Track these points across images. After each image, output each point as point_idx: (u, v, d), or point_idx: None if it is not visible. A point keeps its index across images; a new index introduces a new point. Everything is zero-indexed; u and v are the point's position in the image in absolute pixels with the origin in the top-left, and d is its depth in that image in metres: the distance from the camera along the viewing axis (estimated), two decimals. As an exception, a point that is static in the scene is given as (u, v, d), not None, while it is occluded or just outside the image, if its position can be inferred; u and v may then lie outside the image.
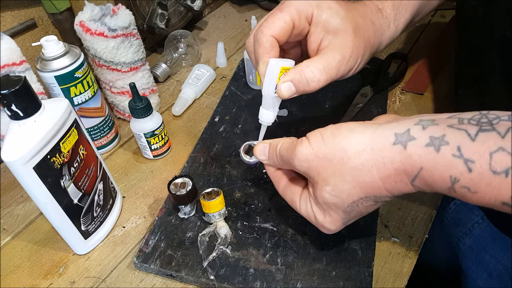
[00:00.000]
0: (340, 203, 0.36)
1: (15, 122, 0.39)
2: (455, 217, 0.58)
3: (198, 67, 0.74)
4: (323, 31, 0.41)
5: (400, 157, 0.31)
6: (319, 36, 0.41)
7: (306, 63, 0.40)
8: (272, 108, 0.43)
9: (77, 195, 0.45)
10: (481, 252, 0.54)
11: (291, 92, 0.41)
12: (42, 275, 0.48)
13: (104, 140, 0.62)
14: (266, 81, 0.42)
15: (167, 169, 0.60)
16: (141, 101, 0.55)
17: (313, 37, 0.42)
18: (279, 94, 0.41)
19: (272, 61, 0.40)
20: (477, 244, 0.54)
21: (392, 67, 0.73)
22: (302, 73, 0.40)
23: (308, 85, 0.40)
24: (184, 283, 0.46)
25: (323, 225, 0.39)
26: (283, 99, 0.42)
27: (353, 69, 0.43)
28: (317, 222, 0.39)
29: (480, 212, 0.54)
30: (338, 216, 0.37)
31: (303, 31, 0.42)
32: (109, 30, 0.56)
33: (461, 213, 0.57)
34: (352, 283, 0.43)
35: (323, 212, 0.38)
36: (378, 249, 0.47)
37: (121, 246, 0.51)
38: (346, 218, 0.37)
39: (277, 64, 0.40)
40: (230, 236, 0.48)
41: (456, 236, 0.57)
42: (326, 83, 0.41)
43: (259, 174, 0.55)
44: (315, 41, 0.42)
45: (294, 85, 0.40)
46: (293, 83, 0.40)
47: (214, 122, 0.65)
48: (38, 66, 0.53)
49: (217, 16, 0.96)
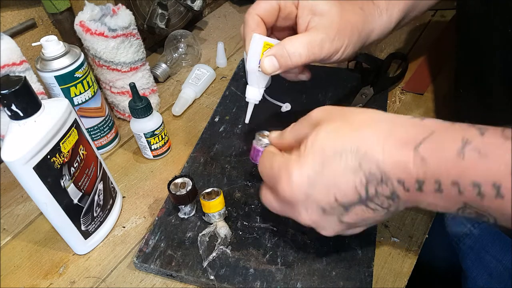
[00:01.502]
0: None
1: (15, 122, 0.39)
2: (455, 218, 0.58)
3: (198, 67, 0.74)
4: (310, 14, 0.43)
5: (411, 121, 0.32)
6: (306, 18, 0.43)
7: (289, 38, 0.42)
8: (257, 84, 0.44)
9: (77, 195, 0.45)
10: (482, 252, 0.54)
11: (273, 66, 0.42)
12: (42, 275, 0.48)
13: (104, 140, 0.62)
14: (250, 56, 0.43)
15: (167, 169, 0.60)
16: (141, 101, 0.55)
17: (301, 20, 0.43)
18: (262, 68, 0.42)
19: (255, 36, 0.42)
20: (477, 244, 0.54)
21: (392, 67, 0.73)
22: (284, 47, 0.41)
23: (290, 59, 0.41)
24: (184, 283, 0.46)
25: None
26: (266, 74, 0.43)
27: (340, 51, 0.44)
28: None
29: None
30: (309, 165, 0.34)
31: (290, 14, 0.44)
32: (109, 30, 0.56)
33: None
34: (352, 283, 0.43)
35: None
36: (378, 249, 0.47)
37: (121, 246, 0.51)
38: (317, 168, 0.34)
39: (260, 39, 0.42)
40: (230, 236, 0.48)
41: (456, 236, 0.57)
42: (308, 60, 0.42)
43: (259, 174, 0.55)
44: (303, 23, 0.43)
45: (276, 59, 0.41)
46: (275, 57, 0.41)
47: (214, 122, 0.65)
48: (38, 66, 0.53)
49: (217, 16, 0.96)
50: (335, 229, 0.37)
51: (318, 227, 0.37)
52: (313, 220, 0.36)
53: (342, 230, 0.37)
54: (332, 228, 0.36)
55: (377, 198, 0.33)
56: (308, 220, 0.36)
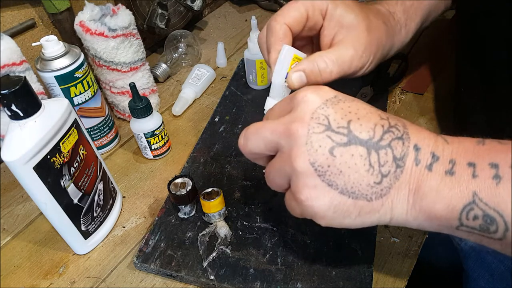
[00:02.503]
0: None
1: (15, 122, 0.39)
2: None
3: (198, 67, 0.74)
4: (337, 26, 0.41)
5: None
6: (332, 30, 0.41)
7: (320, 53, 0.40)
8: (280, 97, 0.41)
9: (77, 195, 0.45)
10: (483, 253, 0.53)
11: (301, 82, 0.39)
12: (42, 275, 0.48)
13: (104, 140, 0.62)
14: (277, 69, 0.40)
15: (167, 169, 0.60)
16: (141, 101, 0.55)
17: (326, 31, 0.41)
18: (289, 83, 0.39)
19: (285, 47, 0.39)
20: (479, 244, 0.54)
21: (392, 67, 0.73)
22: (315, 62, 0.39)
23: (320, 76, 0.39)
24: (184, 283, 0.46)
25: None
26: (292, 89, 0.40)
27: (365, 67, 0.42)
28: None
29: None
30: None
31: (316, 25, 0.42)
32: (109, 30, 0.56)
33: None
34: (352, 283, 0.43)
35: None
36: (378, 249, 0.47)
37: (121, 246, 0.51)
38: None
39: (290, 51, 0.39)
40: (230, 236, 0.48)
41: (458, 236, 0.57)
42: (338, 76, 0.40)
43: (259, 174, 0.55)
44: (329, 35, 0.41)
45: (306, 75, 0.39)
46: (305, 73, 0.39)
47: (214, 122, 0.65)
48: (38, 66, 0.53)
49: (217, 16, 0.96)
50: (316, 156, 0.30)
51: (303, 139, 0.31)
52: (308, 128, 0.31)
53: (319, 167, 0.30)
54: (315, 151, 0.30)
55: (385, 153, 0.29)
56: (301, 125, 0.31)
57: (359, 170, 0.30)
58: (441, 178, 0.29)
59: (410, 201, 0.30)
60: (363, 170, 0.30)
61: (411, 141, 0.30)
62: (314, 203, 0.31)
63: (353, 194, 0.30)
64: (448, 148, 0.29)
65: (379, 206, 0.31)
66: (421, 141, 0.30)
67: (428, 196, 0.29)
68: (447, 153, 0.29)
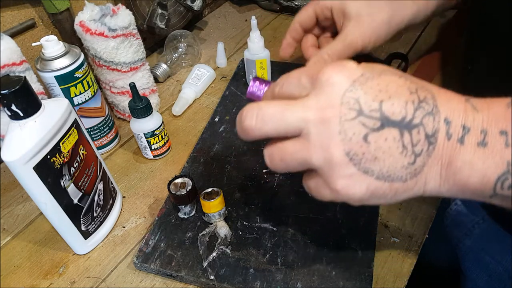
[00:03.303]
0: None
1: (15, 122, 0.39)
2: (455, 218, 0.58)
3: (198, 67, 0.74)
4: (342, 17, 0.54)
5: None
6: (340, 21, 0.54)
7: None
8: None
9: (77, 195, 0.45)
10: (481, 253, 0.53)
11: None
12: (42, 275, 0.48)
13: (104, 140, 0.62)
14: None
15: (167, 169, 0.60)
16: (141, 101, 0.55)
17: (336, 22, 0.55)
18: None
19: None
20: (477, 245, 0.54)
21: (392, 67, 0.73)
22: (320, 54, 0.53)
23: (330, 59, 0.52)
24: (184, 283, 0.46)
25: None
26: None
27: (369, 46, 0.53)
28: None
29: (481, 212, 0.54)
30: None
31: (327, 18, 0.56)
32: (109, 30, 0.56)
33: (462, 214, 0.56)
34: (352, 283, 0.43)
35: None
36: (378, 249, 0.47)
37: (121, 246, 0.51)
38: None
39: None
40: (230, 236, 0.48)
41: (456, 237, 0.57)
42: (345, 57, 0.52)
43: (259, 174, 0.55)
44: (339, 25, 0.55)
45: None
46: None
47: (214, 122, 0.65)
48: (38, 66, 0.53)
49: (217, 16, 0.96)
50: (351, 144, 0.29)
51: (336, 127, 0.29)
52: (340, 114, 0.29)
53: (354, 155, 0.29)
54: (349, 139, 0.29)
55: (417, 132, 0.29)
56: (332, 111, 0.29)
57: (393, 153, 0.29)
58: (473, 150, 0.28)
59: (443, 176, 0.30)
60: (397, 153, 0.29)
61: (441, 114, 0.29)
62: (350, 192, 0.31)
63: (388, 177, 0.30)
64: (478, 117, 0.28)
65: (413, 185, 0.30)
66: (451, 113, 0.29)
67: (461, 170, 0.29)
68: (477, 123, 0.28)
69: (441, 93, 0.30)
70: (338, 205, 0.50)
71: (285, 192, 0.53)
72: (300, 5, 0.92)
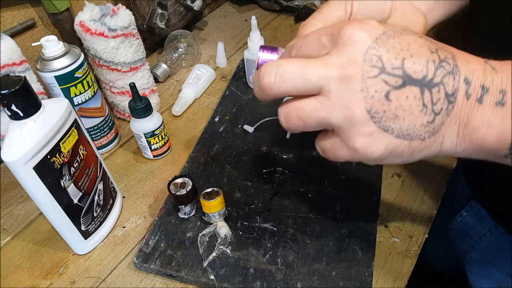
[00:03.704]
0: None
1: (15, 122, 0.39)
2: (461, 229, 0.56)
3: (198, 67, 0.74)
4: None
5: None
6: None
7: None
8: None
9: (77, 195, 0.45)
10: (488, 266, 0.52)
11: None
12: (42, 275, 0.48)
13: (104, 140, 0.62)
14: None
15: (167, 169, 0.60)
16: (141, 101, 0.55)
17: None
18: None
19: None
20: (484, 258, 0.53)
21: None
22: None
23: None
24: (184, 283, 0.46)
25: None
26: None
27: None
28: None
29: (488, 224, 0.52)
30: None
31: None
32: (109, 30, 0.56)
33: (468, 225, 0.55)
34: (352, 283, 0.43)
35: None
36: (378, 249, 0.47)
37: (121, 246, 0.51)
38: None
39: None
40: (230, 236, 0.48)
41: (463, 248, 0.56)
42: None
43: (259, 174, 0.55)
44: None
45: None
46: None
47: (214, 122, 0.65)
48: (38, 66, 0.53)
49: (217, 16, 0.96)
50: (372, 102, 0.29)
51: (359, 84, 0.29)
52: (362, 71, 0.29)
53: (375, 113, 0.29)
54: (371, 97, 0.29)
55: (437, 91, 0.29)
56: (355, 68, 0.29)
57: (414, 111, 0.29)
58: (491, 110, 0.29)
59: (460, 135, 0.30)
60: (417, 111, 0.29)
61: (461, 74, 0.29)
62: (369, 150, 0.30)
63: (408, 136, 0.30)
64: (497, 78, 0.29)
65: (430, 143, 0.30)
66: (470, 73, 0.29)
67: (479, 130, 0.29)
68: (496, 83, 0.29)
69: (460, 54, 0.30)
70: (338, 205, 0.50)
71: (285, 192, 0.53)
72: (300, 5, 0.92)
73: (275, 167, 0.56)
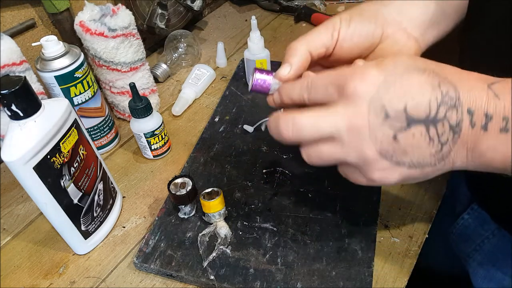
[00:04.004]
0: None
1: (15, 122, 0.39)
2: (463, 232, 0.56)
3: (198, 67, 0.74)
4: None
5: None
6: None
7: None
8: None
9: (77, 195, 0.45)
10: (492, 269, 0.52)
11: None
12: (42, 275, 0.48)
13: (104, 140, 0.62)
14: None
15: (167, 169, 0.60)
16: (141, 101, 0.55)
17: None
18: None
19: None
20: (488, 261, 0.53)
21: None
22: None
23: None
24: (184, 283, 0.46)
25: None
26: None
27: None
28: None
29: (490, 227, 0.52)
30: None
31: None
32: (109, 30, 0.56)
33: (469, 228, 0.55)
34: (352, 283, 0.43)
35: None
36: (378, 249, 0.47)
37: (121, 246, 0.51)
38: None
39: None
40: (230, 236, 0.48)
41: (465, 251, 0.55)
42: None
43: (259, 174, 0.55)
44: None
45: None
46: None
47: (214, 122, 0.65)
48: (38, 66, 0.53)
49: (217, 16, 0.96)
50: (382, 145, 0.32)
51: (367, 132, 0.32)
52: (368, 121, 0.32)
53: (386, 153, 0.33)
54: (380, 141, 0.32)
55: (442, 125, 0.31)
56: (361, 119, 0.32)
57: (421, 145, 0.32)
58: (496, 136, 0.30)
59: (469, 158, 0.32)
60: (425, 145, 0.32)
61: (464, 105, 0.31)
62: (385, 181, 0.34)
63: (419, 165, 0.33)
64: (500, 104, 0.30)
65: (442, 166, 0.33)
66: (473, 102, 0.31)
67: (486, 154, 0.31)
68: (499, 110, 0.30)
69: (463, 82, 0.32)
70: (338, 205, 0.50)
71: (285, 192, 0.53)
72: (300, 5, 0.92)
73: (275, 167, 0.56)
